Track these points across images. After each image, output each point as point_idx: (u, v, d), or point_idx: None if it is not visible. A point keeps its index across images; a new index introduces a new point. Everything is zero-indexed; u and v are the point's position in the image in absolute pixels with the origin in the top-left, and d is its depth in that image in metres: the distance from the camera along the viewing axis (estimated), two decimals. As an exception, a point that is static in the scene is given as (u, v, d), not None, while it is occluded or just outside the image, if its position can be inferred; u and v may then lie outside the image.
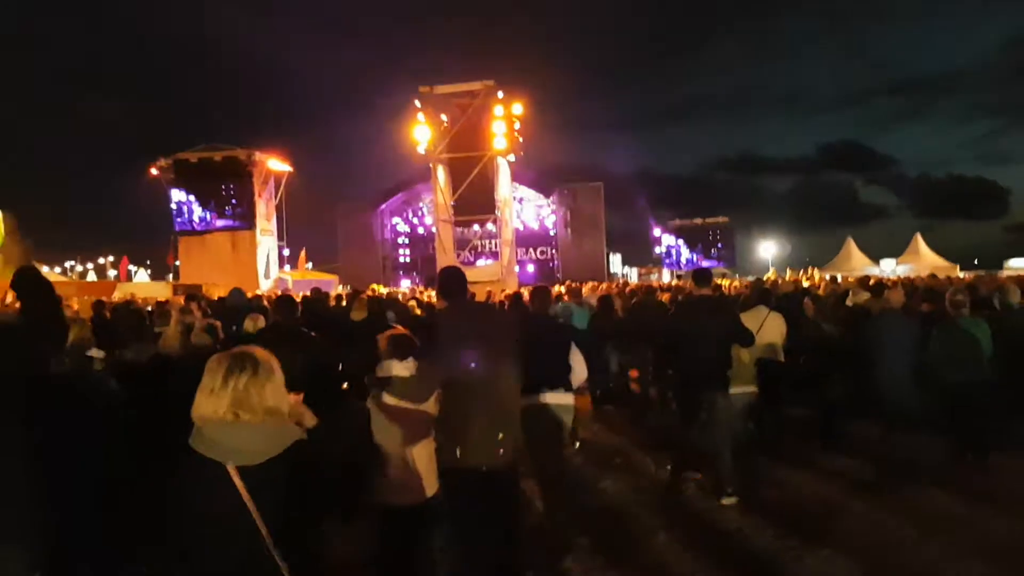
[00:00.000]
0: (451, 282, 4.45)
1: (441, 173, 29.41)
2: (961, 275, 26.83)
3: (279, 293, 17.74)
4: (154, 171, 34.53)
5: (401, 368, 4.28)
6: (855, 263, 39.07)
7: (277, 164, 35.21)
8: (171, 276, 38.00)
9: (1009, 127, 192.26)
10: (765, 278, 20.80)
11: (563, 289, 18.36)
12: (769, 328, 8.08)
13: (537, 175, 43.35)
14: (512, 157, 29.90)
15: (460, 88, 28.71)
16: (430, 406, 4.15)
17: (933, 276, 19.35)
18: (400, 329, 4.85)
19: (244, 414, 2.33)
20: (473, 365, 3.94)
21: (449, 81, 29.20)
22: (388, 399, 4.19)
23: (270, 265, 35.41)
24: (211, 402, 2.33)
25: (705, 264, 43.39)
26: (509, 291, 18.80)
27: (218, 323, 5.61)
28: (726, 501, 6.46)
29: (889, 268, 37.94)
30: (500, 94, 27.48)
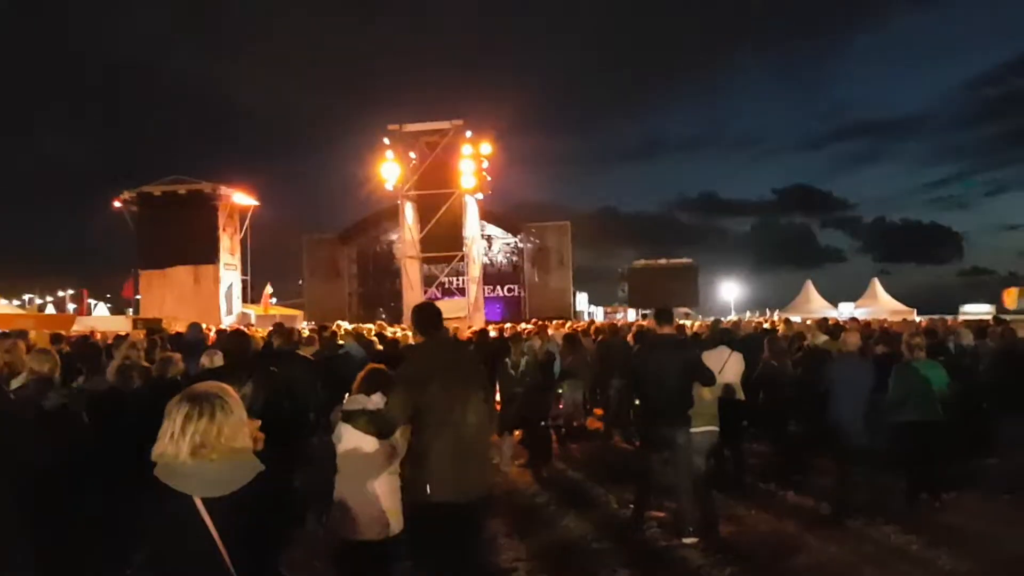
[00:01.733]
0: (425, 317, 4.49)
1: (409, 210, 29.49)
2: (918, 319, 27.40)
3: (238, 328, 17.57)
4: (117, 204, 34.11)
5: (368, 402, 4.31)
6: (814, 305, 39.73)
7: (243, 198, 34.97)
8: (131, 310, 37.40)
9: (963, 173, 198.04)
10: (727, 319, 21.05)
11: (526, 327, 18.44)
12: (730, 368, 8.24)
13: (505, 213, 43.62)
14: (480, 195, 30.14)
15: (429, 127, 28.96)
16: (396, 441, 4.17)
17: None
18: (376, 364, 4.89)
19: (207, 453, 2.36)
20: (443, 400, 3.98)
21: (418, 119, 29.46)
22: (354, 433, 4.21)
23: (233, 300, 35.02)
24: (171, 446, 2.35)
25: (669, 304, 43.82)
26: (476, 328, 18.82)
27: (178, 355, 5.58)
28: (687, 540, 6.50)
29: (848, 311, 38.59)
30: (469, 133, 27.75)
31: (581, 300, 48.88)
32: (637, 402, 7.71)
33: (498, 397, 10.55)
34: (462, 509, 4.00)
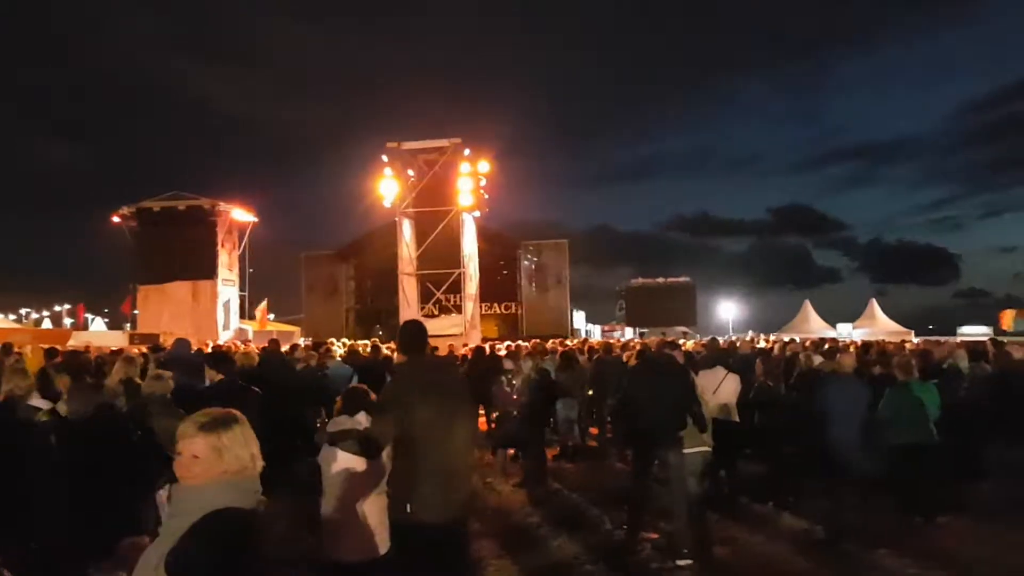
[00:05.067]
0: (411, 336, 4.43)
1: (407, 227, 29.55)
2: (915, 340, 27.38)
3: (238, 344, 17.53)
4: (116, 219, 34.14)
5: (353, 422, 4.27)
6: (812, 326, 39.68)
7: (241, 214, 35.04)
8: (129, 325, 37.33)
9: (959, 194, 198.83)
10: (726, 339, 21.00)
11: (523, 345, 18.40)
12: (725, 388, 8.22)
13: (502, 231, 43.65)
14: (477, 213, 30.19)
15: (427, 144, 29.06)
16: (383, 461, 4.14)
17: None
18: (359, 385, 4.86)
19: (238, 470, 2.33)
20: (425, 419, 3.93)
21: (416, 137, 29.55)
22: (340, 454, 4.17)
23: (230, 316, 34.98)
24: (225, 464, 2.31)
25: (667, 323, 43.93)
26: (472, 345, 18.79)
27: (168, 373, 5.54)
28: (681, 562, 6.45)
29: (846, 332, 38.56)
30: (467, 151, 27.87)
31: (578, 318, 48.80)
32: (629, 422, 7.67)
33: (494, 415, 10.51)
34: (445, 529, 3.95)
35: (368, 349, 14.95)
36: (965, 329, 41.99)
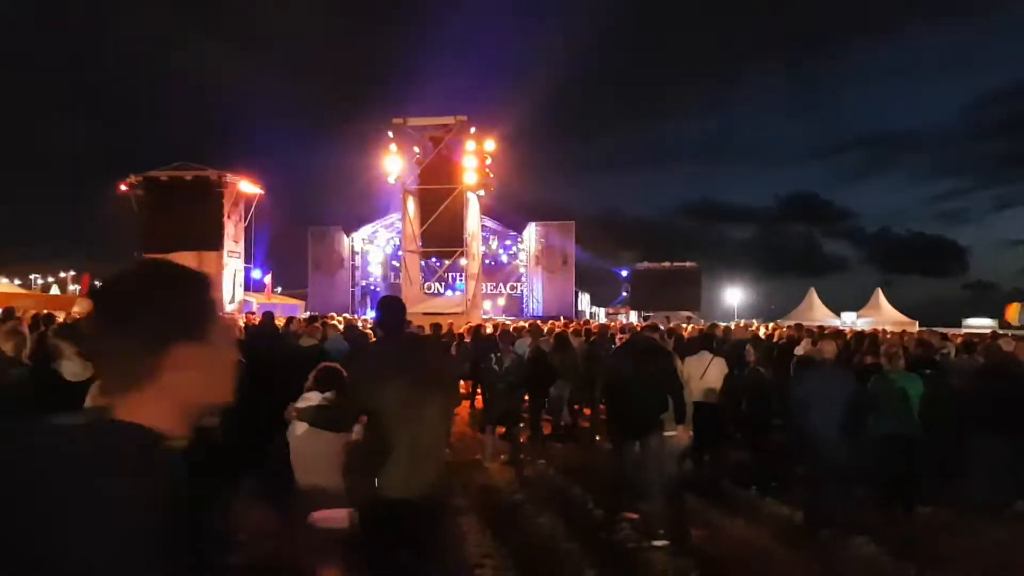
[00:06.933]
0: (387, 313, 4.42)
1: (411, 204, 29.55)
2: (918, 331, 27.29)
3: (235, 316, 17.63)
4: (123, 188, 34.25)
5: (320, 399, 4.31)
6: (817, 314, 39.52)
7: (248, 186, 35.06)
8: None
9: (969, 187, 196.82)
10: (724, 326, 20.98)
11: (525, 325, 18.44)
12: (712, 372, 8.25)
13: (509, 211, 43.61)
14: (482, 192, 30.18)
15: (433, 122, 29.00)
16: (351, 436, 4.18)
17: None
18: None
19: None
20: (394, 397, 3.96)
21: (423, 114, 29.52)
22: (306, 429, 4.22)
23: (235, 288, 35.12)
24: None
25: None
26: (472, 324, 18.86)
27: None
28: (657, 543, 6.51)
29: (850, 321, 38.47)
30: (473, 130, 27.84)
31: (584, 301, 48.79)
32: (610, 403, 7.72)
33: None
34: (412, 505, 3.98)
35: (368, 326, 15.01)
36: (970, 321, 41.86)
